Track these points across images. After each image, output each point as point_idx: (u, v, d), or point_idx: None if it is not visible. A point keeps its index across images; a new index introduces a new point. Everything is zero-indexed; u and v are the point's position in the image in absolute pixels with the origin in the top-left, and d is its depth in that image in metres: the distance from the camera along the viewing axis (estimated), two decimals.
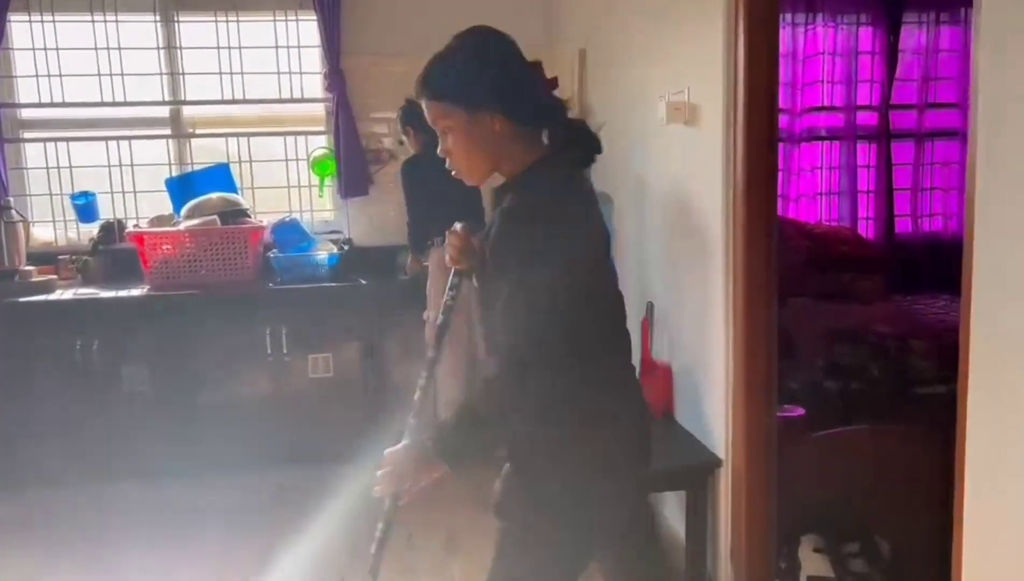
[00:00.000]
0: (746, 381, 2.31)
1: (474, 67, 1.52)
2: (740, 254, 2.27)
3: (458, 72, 1.52)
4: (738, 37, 2.22)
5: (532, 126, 1.54)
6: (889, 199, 4.48)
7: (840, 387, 2.90)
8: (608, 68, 3.37)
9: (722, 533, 2.46)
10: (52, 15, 3.94)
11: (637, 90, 3.00)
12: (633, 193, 3.06)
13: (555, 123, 1.57)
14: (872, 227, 4.49)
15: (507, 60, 1.54)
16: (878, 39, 4.38)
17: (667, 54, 2.71)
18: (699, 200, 2.52)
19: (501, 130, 1.51)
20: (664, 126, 2.65)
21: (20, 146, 4.08)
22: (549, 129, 1.57)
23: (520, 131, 1.53)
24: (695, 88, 2.49)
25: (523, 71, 1.55)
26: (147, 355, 3.63)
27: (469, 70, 1.52)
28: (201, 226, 3.74)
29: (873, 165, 4.46)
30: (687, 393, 2.69)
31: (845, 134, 4.39)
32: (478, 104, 1.50)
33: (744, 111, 2.21)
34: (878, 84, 4.40)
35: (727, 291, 2.35)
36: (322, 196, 4.30)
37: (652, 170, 2.91)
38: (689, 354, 2.67)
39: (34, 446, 3.52)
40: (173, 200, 3.98)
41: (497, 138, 1.52)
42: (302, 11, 4.10)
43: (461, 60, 1.53)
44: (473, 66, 1.52)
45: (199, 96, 4.17)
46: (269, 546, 3.03)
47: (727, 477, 2.42)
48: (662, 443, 2.59)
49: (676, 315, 2.76)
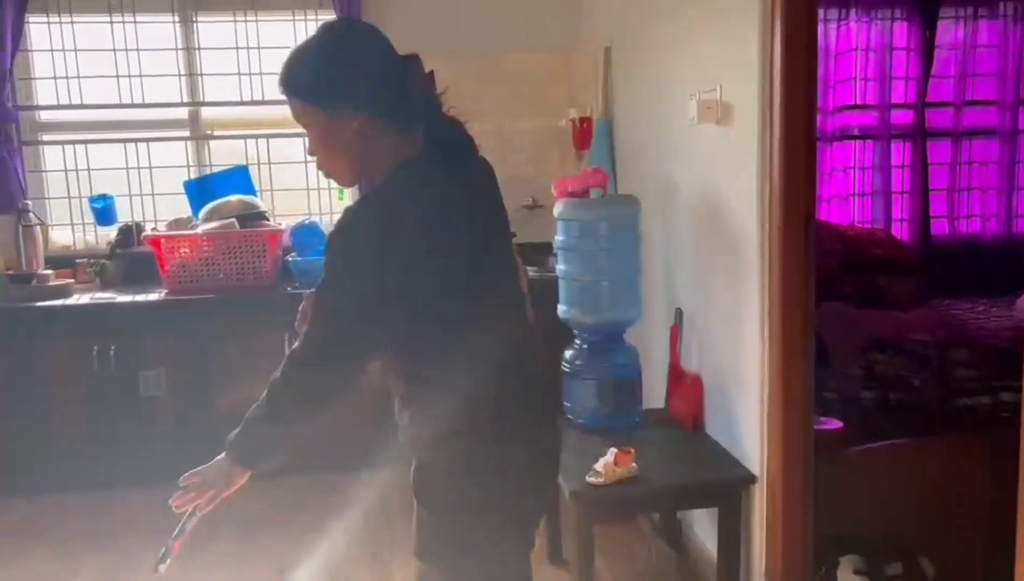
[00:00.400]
0: (782, 392, 2.20)
1: (330, 64, 1.40)
2: (776, 259, 2.16)
3: (313, 69, 1.41)
4: (775, 32, 2.12)
5: (399, 125, 1.44)
6: (925, 200, 4.34)
7: (878, 398, 2.78)
8: (635, 66, 3.27)
9: (756, 552, 2.35)
10: (70, 16, 3.90)
11: (665, 89, 2.90)
12: (660, 195, 2.96)
13: (428, 122, 1.46)
14: (907, 229, 4.35)
15: (368, 55, 1.41)
16: (913, 35, 4.24)
17: (698, 51, 2.60)
18: (732, 202, 2.41)
19: (362, 130, 1.41)
20: (694, 126, 2.55)
21: (39, 149, 4.05)
22: (424, 128, 1.46)
23: (385, 130, 1.42)
24: (728, 86, 2.39)
25: (388, 67, 1.42)
26: (164, 360, 3.58)
27: (325, 67, 1.40)
28: (219, 229, 3.68)
29: (908, 165, 4.32)
30: (719, 404, 2.58)
31: (879, 133, 4.25)
32: (335, 103, 1.39)
33: (781, 110, 2.11)
34: (913, 81, 4.26)
35: (762, 298, 2.24)
36: (342, 198, 4.23)
37: (681, 171, 2.81)
38: (721, 363, 2.56)
39: (51, 450, 3.49)
40: (191, 203, 3.94)
41: (358, 138, 1.41)
42: (321, 10, 4.04)
43: (317, 57, 1.42)
44: (329, 63, 1.40)
45: (218, 97, 4.12)
46: (284, 552, 2.98)
47: (762, 493, 2.31)
48: (692, 457, 2.51)
49: (706, 322, 2.66)
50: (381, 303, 1.38)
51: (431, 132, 1.46)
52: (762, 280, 2.24)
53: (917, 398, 2.74)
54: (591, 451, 2.42)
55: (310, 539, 3.11)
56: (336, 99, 1.39)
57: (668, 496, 2.42)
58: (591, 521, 2.34)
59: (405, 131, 1.44)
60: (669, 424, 2.75)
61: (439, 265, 1.40)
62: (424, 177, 1.43)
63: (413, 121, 1.45)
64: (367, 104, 1.40)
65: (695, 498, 2.48)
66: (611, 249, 2.74)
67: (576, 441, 2.63)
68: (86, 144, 4.03)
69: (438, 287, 1.40)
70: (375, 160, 1.45)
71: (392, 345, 1.46)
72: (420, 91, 1.45)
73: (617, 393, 2.74)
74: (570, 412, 2.80)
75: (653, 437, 2.63)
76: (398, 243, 1.36)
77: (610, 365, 2.76)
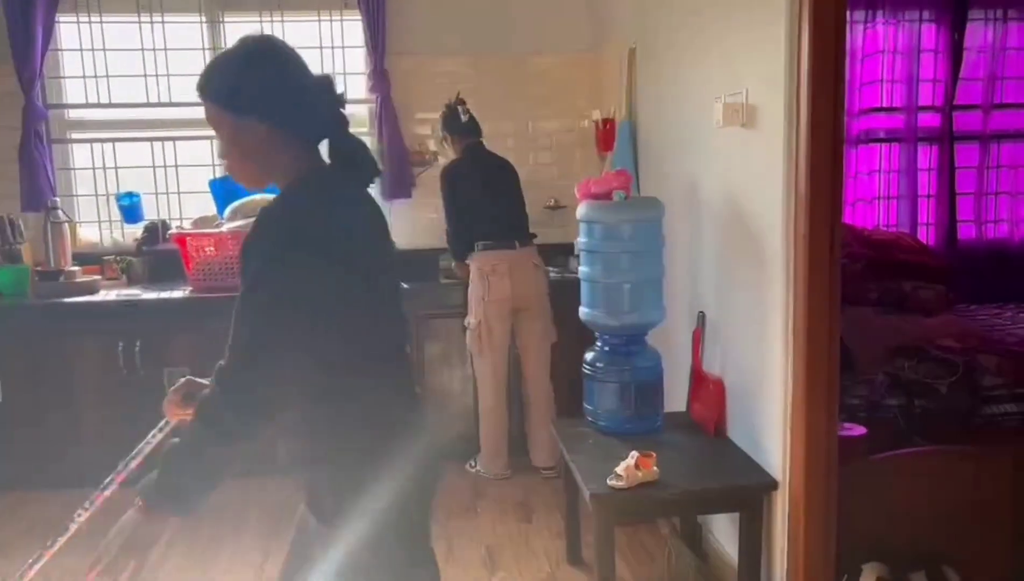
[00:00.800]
0: (806, 398, 2.18)
1: (244, 74, 1.47)
2: (802, 264, 2.14)
3: (228, 77, 1.48)
4: (802, 34, 2.10)
5: (303, 138, 1.51)
6: (951, 204, 4.30)
7: (902, 405, 2.75)
8: (659, 67, 3.26)
9: (777, 559, 2.33)
10: (100, 16, 3.96)
11: (690, 91, 2.89)
12: (684, 197, 2.95)
13: (332, 139, 1.54)
14: (933, 233, 4.31)
15: (279, 71, 1.49)
16: (941, 37, 4.20)
17: (723, 53, 2.59)
18: (757, 206, 2.40)
19: (268, 139, 1.47)
20: (719, 128, 2.54)
21: (67, 147, 4.11)
22: (328, 144, 1.54)
23: (288, 142, 1.49)
24: (754, 89, 2.37)
25: (298, 83, 1.50)
26: (189, 357, 3.61)
27: (238, 76, 1.47)
28: (244, 228, 3.71)
29: (935, 168, 4.28)
30: (741, 409, 2.57)
31: (905, 136, 4.22)
32: (243, 111, 1.46)
33: (808, 114, 2.08)
34: (941, 83, 4.22)
35: (787, 302, 2.23)
36: None
37: (705, 174, 2.80)
38: (744, 368, 2.55)
39: (76, 446, 3.53)
40: (216, 201, 3.97)
41: (263, 146, 1.48)
42: (347, 11, 4.06)
43: (232, 65, 1.50)
44: (243, 73, 1.47)
45: None
46: None
47: (784, 499, 2.29)
48: (713, 462, 2.49)
49: (730, 326, 2.64)
50: (294, 306, 1.41)
51: (337, 149, 1.55)
52: (786, 285, 2.22)
53: (943, 405, 2.71)
54: (612, 454, 2.42)
55: None
56: (244, 107, 1.46)
57: (689, 500, 2.41)
58: (612, 524, 2.33)
59: (309, 145, 1.52)
60: (691, 428, 2.74)
61: (340, 275, 1.45)
62: (331, 190, 1.51)
63: (317, 136, 1.53)
64: (272, 115, 1.47)
65: (716, 503, 2.46)
66: (634, 251, 2.73)
67: (597, 444, 2.63)
68: (114, 142, 4.08)
69: (336, 297, 1.45)
70: (278, 169, 1.51)
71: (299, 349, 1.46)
72: (328, 109, 1.54)
73: (639, 396, 2.74)
74: (591, 415, 2.80)
75: (674, 441, 2.62)
76: (309, 249, 1.41)
77: (632, 368, 2.75)
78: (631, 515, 2.68)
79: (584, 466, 2.45)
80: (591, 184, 2.83)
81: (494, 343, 3.56)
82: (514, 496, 3.48)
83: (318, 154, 1.54)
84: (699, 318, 2.79)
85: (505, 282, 3.50)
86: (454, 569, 2.87)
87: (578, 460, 2.52)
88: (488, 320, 3.52)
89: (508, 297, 3.52)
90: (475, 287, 3.55)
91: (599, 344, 2.84)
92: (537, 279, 3.59)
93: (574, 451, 2.59)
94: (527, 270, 3.56)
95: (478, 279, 3.54)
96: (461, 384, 3.80)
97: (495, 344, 3.56)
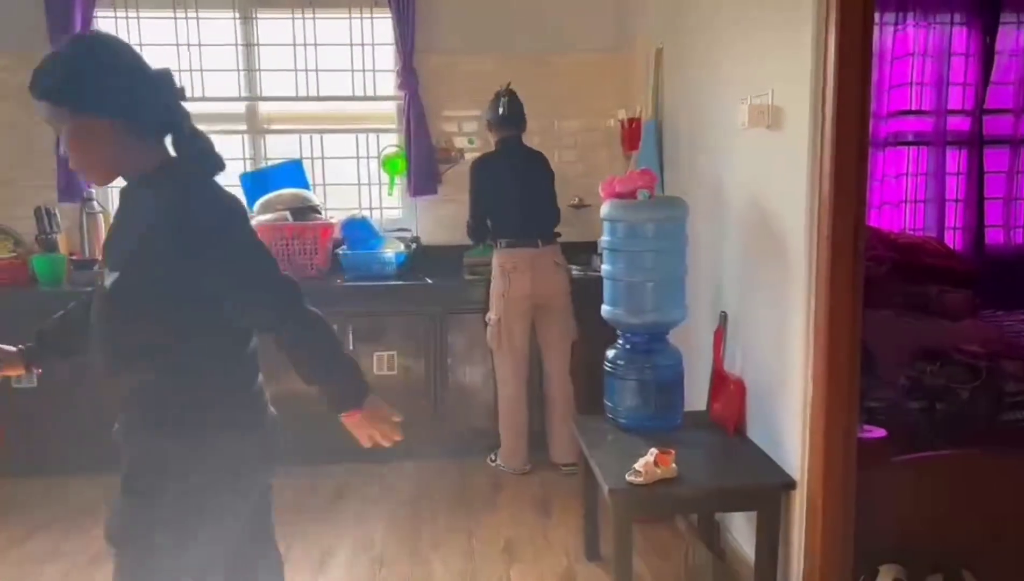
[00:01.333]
0: (826, 399, 2.19)
1: (77, 71, 1.48)
2: (824, 266, 2.16)
3: (61, 75, 1.48)
4: (828, 36, 2.11)
5: (146, 133, 1.54)
6: (980, 209, 4.26)
7: (924, 408, 2.75)
8: (686, 68, 3.27)
9: (794, 558, 2.35)
10: (136, 11, 4.04)
11: (716, 91, 2.90)
12: (709, 198, 2.96)
13: (175, 133, 1.56)
14: (960, 238, 4.28)
15: (115, 66, 1.51)
16: (973, 40, 4.17)
17: (749, 54, 2.60)
18: (780, 209, 2.41)
19: (108, 134, 1.50)
20: (744, 129, 2.55)
21: None
22: (172, 138, 1.57)
23: (135, 136, 1.52)
24: (779, 90, 2.38)
25: (135, 76, 1.52)
26: None
27: (72, 74, 1.48)
28: (273, 221, 3.78)
29: (963, 172, 4.25)
30: (761, 409, 2.58)
31: (934, 139, 4.19)
32: (80, 107, 1.48)
33: (833, 115, 2.09)
34: (971, 87, 4.19)
35: (808, 305, 2.24)
36: (391, 194, 4.31)
37: (730, 174, 2.81)
38: (764, 368, 2.56)
39: (109, 433, 3.61)
40: (247, 195, 4.05)
41: (104, 142, 1.51)
42: (377, 8, 4.12)
43: (66, 63, 1.50)
44: (76, 70, 1.48)
45: (274, 93, 4.22)
46: (329, 541, 3.05)
47: (802, 499, 2.31)
48: (732, 460, 2.51)
49: (751, 327, 2.66)
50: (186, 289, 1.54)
51: (180, 142, 1.58)
52: (809, 288, 2.23)
53: (965, 410, 2.70)
54: (631, 451, 2.45)
55: (351, 526, 3.18)
56: (81, 103, 1.48)
57: (707, 498, 2.43)
58: (630, 519, 2.36)
59: (151, 139, 1.56)
60: (710, 427, 2.75)
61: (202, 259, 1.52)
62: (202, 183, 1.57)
63: (159, 130, 1.56)
64: (111, 110, 1.49)
65: (734, 501, 2.48)
66: (657, 250, 2.75)
67: (616, 440, 2.66)
68: None
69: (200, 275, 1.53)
70: (126, 162, 1.55)
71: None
72: (168, 102, 1.56)
73: (659, 394, 2.76)
74: (611, 412, 2.82)
75: (694, 439, 2.64)
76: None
77: (653, 366, 2.78)
78: (649, 511, 2.70)
79: (603, 462, 2.48)
80: (615, 183, 2.86)
81: (513, 340, 3.59)
82: (533, 491, 3.51)
83: (165, 147, 1.58)
84: (721, 318, 2.81)
85: (525, 280, 3.54)
86: (473, 561, 2.92)
87: (597, 456, 2.54)
88: (508, 317, 3.56)
89: (528, 295, 3.55)
90: (496, 283, 3.59)
91: (620, 342, 2.86)
92: (558, 278, 3.62)
93: (594, 447, 2.62)
94: (548, 269, 3.58)
95: (499, 276, 3.57)
96: (482, 379, 3.84)
97: (514, 341, 3.59)
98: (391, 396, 1.76)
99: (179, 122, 1.57)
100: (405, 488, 3.51)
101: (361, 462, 3.52)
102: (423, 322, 3.79)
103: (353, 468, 3.58)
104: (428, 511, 3.33)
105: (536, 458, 3.72)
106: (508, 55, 4.14)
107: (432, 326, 3.80)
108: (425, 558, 2.95)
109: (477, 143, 4.23)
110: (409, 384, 3.79)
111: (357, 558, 2.94)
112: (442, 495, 3.48)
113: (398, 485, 3.55)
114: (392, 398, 1.73)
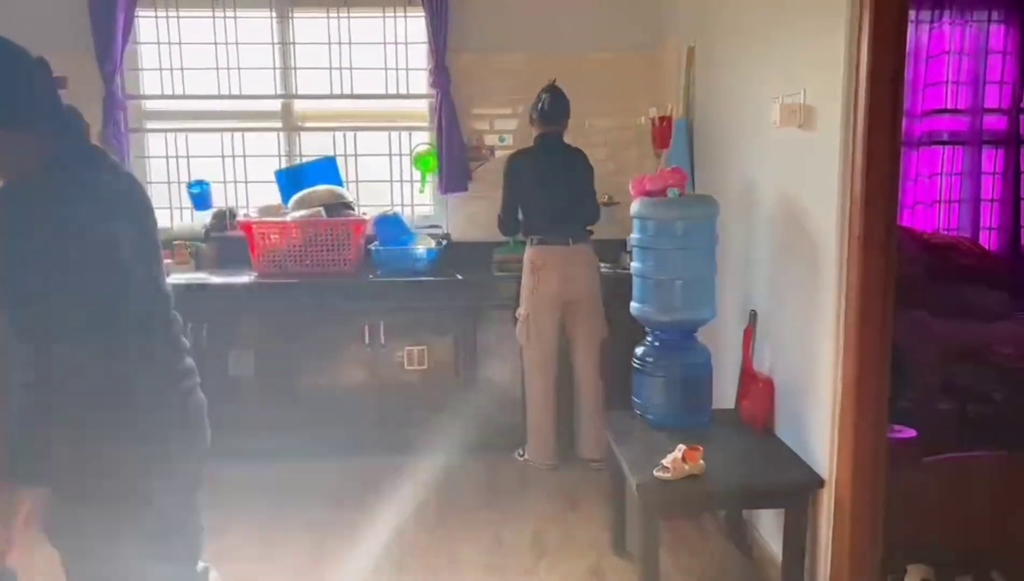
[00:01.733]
0: (855, 399, 2.20)
1: None
2: (855, 266, 2.16)
3: None
4: (862, 34, 2.10)
5: (22, 130, 1.47)
6: (1016, 209, 4.20)
7: (955, 409, 2.74)
8: (718, 66, 3.28)
9: (821, 557, 2.35)
10: (176, 11, 4.13)
11: (748, 90, 2.90)
12: (740, 196, 2.97)
13: (60, 125, 1.51)
14: (995, 238, 4.22)
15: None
16: (1010, 38, 4.11)
17: (782, 53, 2.60)
18: (811, 208, 2.41)
19: None
20: (776, 129, 2.56)
21: (143, 136, 4.30)
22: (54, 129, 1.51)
23: (8, 136, 1.47)
24: (812, 89, 2.38)
25: (9, 72, 1.46)
26: (252, 340, 3.76)
27: None
28: (307, 217, 3.85)
29: (999, 172, 4.19)
30: (789, 407, 2.59)
31: (970, 139, 4.13)
32: None
33: (865, 117, 2.10)
34: (1008, 86, 4.13)
35: (838, 305, 2.24)
36: (422, 191, 4.35)
37: (761, 173, 2.82)
38: (794, 367, 2.56)
39: None
40: (281, 191, 4.12)
41: None
42: (411, 7, 4.16)
43: None
44: None
45: (310, 91, 4.29)
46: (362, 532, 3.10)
47: (830, 497, 2.31)
48: (760, 458, 2.52)
49: (781, 326, 2.66)
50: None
51: (63, 135, 1.52)
52: (839, 287, 2.24)
53: (997, 412, 2.69)
54: (659, 447, 2.47)
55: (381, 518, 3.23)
56: None
57: (734, 495, 2.44)
58: (657, 514, 2.38)
59: (32, 135, 1.49)
60: (739, 425, 2.76)
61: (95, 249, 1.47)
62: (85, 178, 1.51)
63: (38, 124, 1.49)
64: None
65: (761, 498, 2.49)
66: (687, 249, 2.76)
67: (644, 436, 2.68)
68: (186, 133, 4.26)
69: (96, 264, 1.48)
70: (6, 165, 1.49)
71: None
72: (45, 95, 1.50)
73: (687, 391, 2.78)
74: (639, 408, 2.84)
75: (722, 436, 2.65)
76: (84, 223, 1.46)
77: (681, 363, 2.79)
78: (676, 507, 2.71)
79: (631, 457, 2.51)
80: (646, 181, 2.87)
81: (542, 336, 3.62)
82: (561, 486, 3.54)
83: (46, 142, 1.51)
84: (751, 317, 2.81)
85: (554, 278, 3.56)
86: (501, 554, 2.95)
87: (625, 452, 2.57)
88: (536, 313, 3.59)
89: (557, 293, 3.58)
90: (526, 280, 3.62)
91: (649, 339, 2.88)
92: (588, 276, 3.63)
93: (622, 443, 2.64)
94: (578, 267, 3.60)
95: (529, 272, 3.60)
96: (512, 374, 3.88)
97: (543, 337, 3.62)
98: (421, 391, 1.79)
99: (57, 114, 1.52)
100: (433, 481, 3.55)
101: (391, 455, 3.58)
102: (453, 317, 3.84)
103: (383, 461, 3.63)
104: (456, 505, 3.37)
105: (564, 453, 3.74)
106: (540, 54, 4.17)
107: (462, 321, 3.84)
108: (453, 550, 2.99)
109: (508, 141, 4.26)
110: (439, 379, 3.84)
111: (388, 550, 2.99)
112: (470, 489, 3.52)
113: (426, 478, 3.59)
114: (422, 392, 1.75)
